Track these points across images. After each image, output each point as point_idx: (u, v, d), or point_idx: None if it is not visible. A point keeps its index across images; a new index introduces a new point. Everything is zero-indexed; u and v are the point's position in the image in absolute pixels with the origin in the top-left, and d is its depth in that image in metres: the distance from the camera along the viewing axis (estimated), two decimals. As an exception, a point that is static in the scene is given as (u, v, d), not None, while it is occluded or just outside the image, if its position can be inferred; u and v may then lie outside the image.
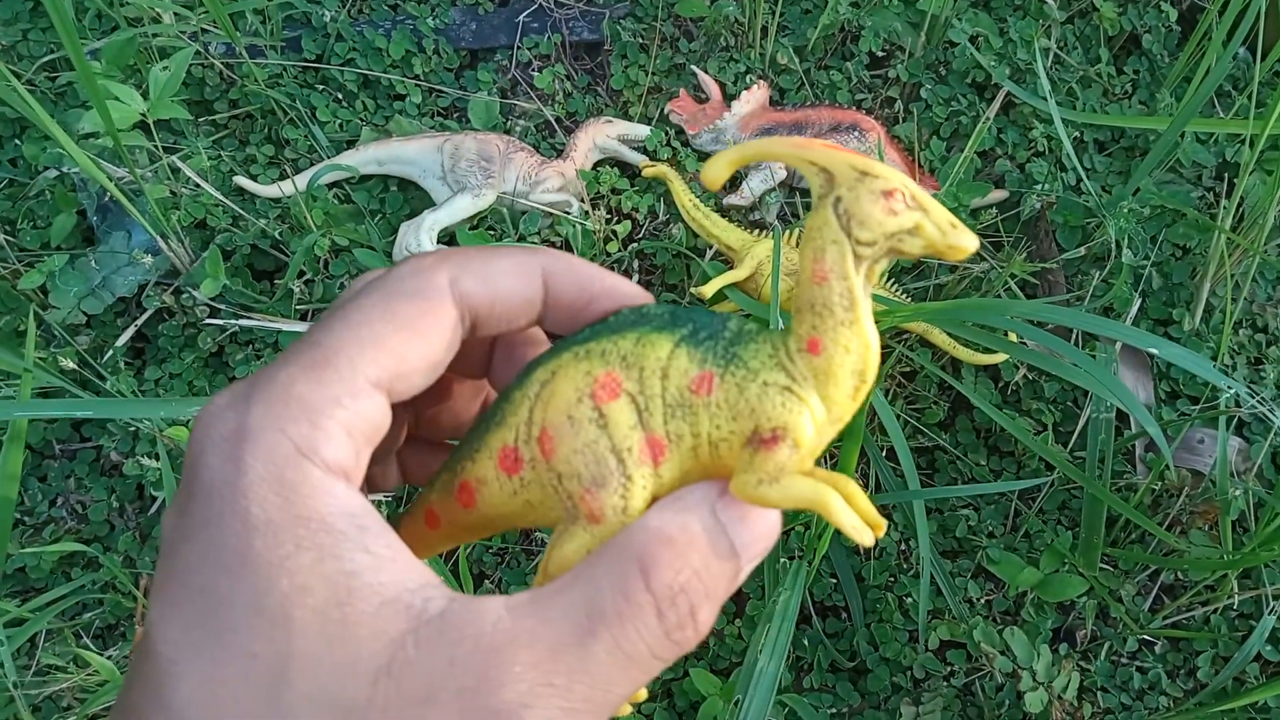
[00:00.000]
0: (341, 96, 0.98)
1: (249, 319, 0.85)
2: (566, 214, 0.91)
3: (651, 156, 0.95)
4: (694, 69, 0.99)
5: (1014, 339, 0.77)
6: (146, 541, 0.82)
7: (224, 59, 0.95)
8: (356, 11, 1.03)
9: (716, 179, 0.27)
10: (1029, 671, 0.73)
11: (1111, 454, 0.80)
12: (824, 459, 0.79)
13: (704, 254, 0.91)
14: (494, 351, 0.33)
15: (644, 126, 0.95)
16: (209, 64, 0.94)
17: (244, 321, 0.85)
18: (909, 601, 0.79)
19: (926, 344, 0.87)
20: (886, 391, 0.87)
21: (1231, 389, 0.81)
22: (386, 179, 0.93)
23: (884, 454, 0.81)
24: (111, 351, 0.86)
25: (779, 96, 1.00)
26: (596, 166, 0.95)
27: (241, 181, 0.89)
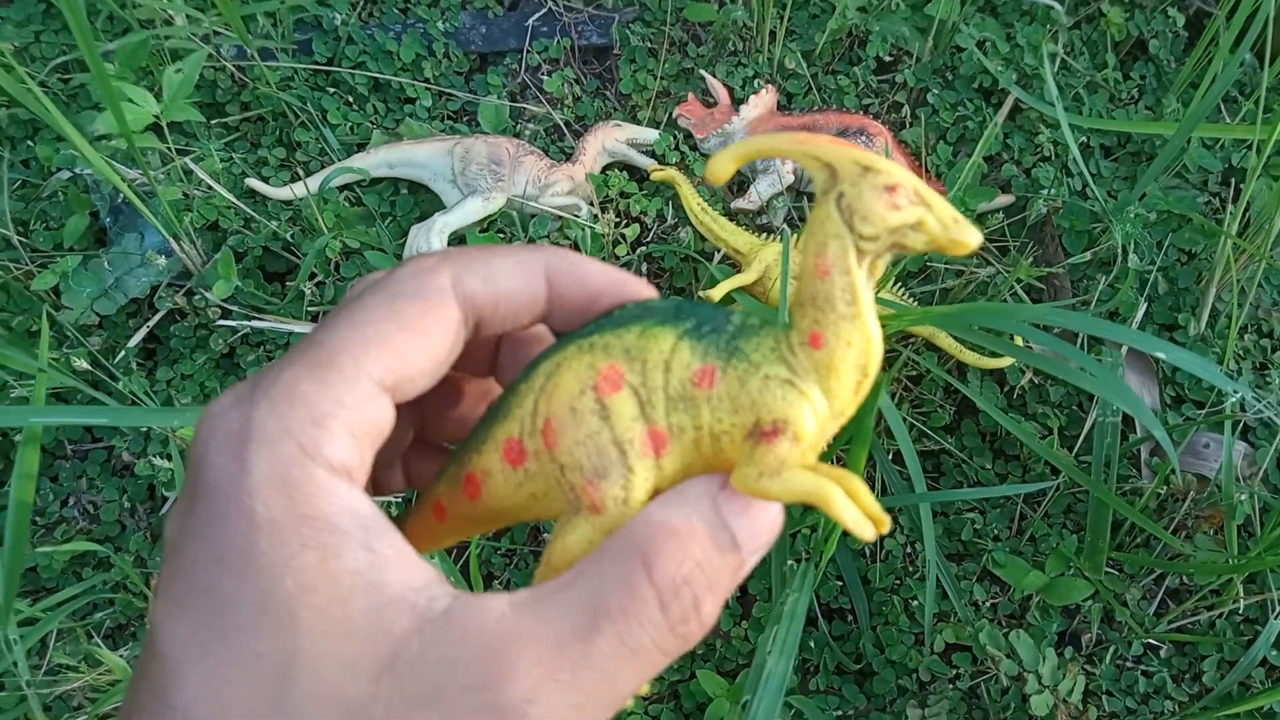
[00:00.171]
0: (352, 99, 0.98)
1: (260, 320, 0.86)
2: (575, 217, 0.91)
3: (660, 160, 0.96)
4: (702, 73, 0.99)
5: (1020, 343, 0.77)
6: (157, 542, 0.83)
7: (236, 62, 0.95)
8: (367, 15, 1.04)
9: (722, 174, 0.27)
10: (1034, 675, 0.73)
11: (1117, 458, 0.80)
12: (832, 462, 0.79)
13: (712, 257, 0.92)
14: (500, 350, 0.33)
15: (652, 131, 0.96)
16: (221, 66, 0.95)
17: (255, 323, 0.86)
18: (915, 604, 0.80)
19: (933, 348, 0.87)
20: (893, 395, 0.87)
21: (1237, 393, 0.81)
22: (397, 182, 0.94)
23: (890, 457, 0.81)
24: (123, 352, 0.86)
25: (787, 101, 1.01)
26: (605, 170, 0.96)
27: (253, 184, 0.90)
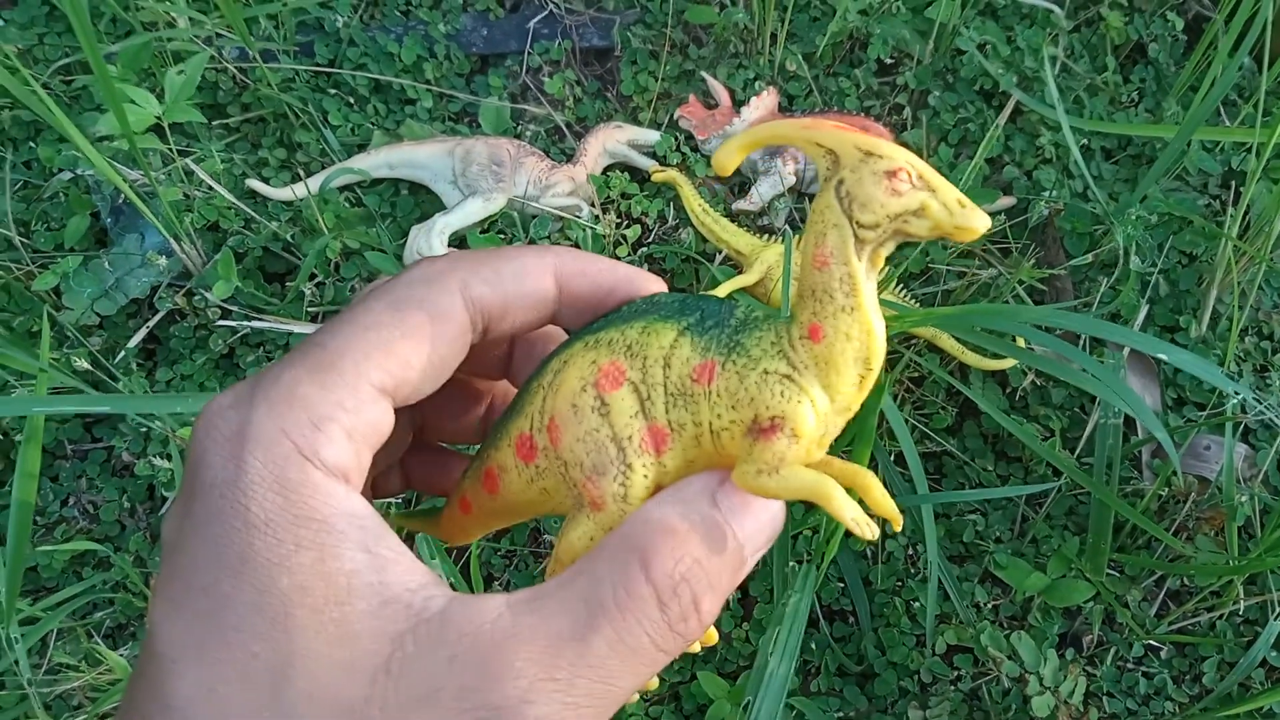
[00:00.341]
0: (353, 101, 0.98)
1: (260, 321, 0.86)
2: (576, 218, 0.91)
3: (661, 162, 0.96)
4: (703, 75, 0.99)
5: (1022, 344, 0.77)
6: (157, 541, 0.83)
7: (238, 63, 0.95)
8: (369, 17, 1.04)
9: (728, 164, 0.27)
10: (1035, 676, 0.73)
11: (1119, 460, 0.80)
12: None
13: (713, 259, 0.92)
14: (514, 350, 0.33)
15: (653, 132, 0.96)
16: (223, 68, 0.95)
17: (255, 323, 0.86)
18: (916, 606, 0.80)
19: (935, 349, 0.87)
20: (895, 396, 0.87)
21: (1238, 395, 0.81)
22: (398, 183, 0.94)
23: (892, 458, 0.81)
24: (123, 353, 0.86)
25: (788, 103, 1.01)
26: (606, 171, 0.96)
27: (254, 184, 0.90)
